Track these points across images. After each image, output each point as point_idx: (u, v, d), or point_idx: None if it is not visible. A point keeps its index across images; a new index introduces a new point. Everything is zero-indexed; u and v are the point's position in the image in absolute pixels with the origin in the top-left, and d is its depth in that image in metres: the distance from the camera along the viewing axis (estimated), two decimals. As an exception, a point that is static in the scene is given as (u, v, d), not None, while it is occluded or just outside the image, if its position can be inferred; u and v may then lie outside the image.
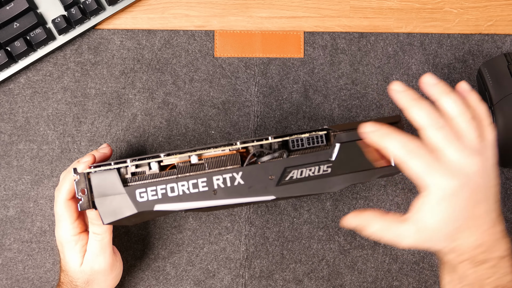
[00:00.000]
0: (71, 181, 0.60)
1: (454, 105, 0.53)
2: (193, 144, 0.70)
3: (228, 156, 0.57)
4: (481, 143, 0.53)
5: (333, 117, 0.70)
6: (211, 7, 0.71)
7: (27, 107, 0.69)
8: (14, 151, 0.69)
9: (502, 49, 0.71)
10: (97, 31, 0.70)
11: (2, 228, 0.68)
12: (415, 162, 0.51)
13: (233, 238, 0.69)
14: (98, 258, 0.61)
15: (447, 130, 0.52)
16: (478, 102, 0.55)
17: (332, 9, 0.71)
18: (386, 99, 0.70)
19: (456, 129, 0.52)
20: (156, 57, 0.70)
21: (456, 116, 0.53)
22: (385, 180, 0.70)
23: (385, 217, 0.55)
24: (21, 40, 0.66)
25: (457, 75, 0.71)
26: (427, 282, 0.70)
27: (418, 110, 0.53)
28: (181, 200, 0.56)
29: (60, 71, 0.69)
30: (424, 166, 0.51)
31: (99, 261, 0.61)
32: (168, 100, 0.70)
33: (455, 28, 0.71)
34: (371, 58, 0.71)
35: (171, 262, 0.69)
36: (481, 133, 0.53)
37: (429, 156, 0.51)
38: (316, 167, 0.58)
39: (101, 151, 0.62)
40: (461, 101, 0.53)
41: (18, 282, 0.68)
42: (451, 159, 0.51)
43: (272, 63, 0.70)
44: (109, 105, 0.69)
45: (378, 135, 0.54)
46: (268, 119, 0.70)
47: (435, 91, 0.54)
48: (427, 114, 0.52)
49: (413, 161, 0.51)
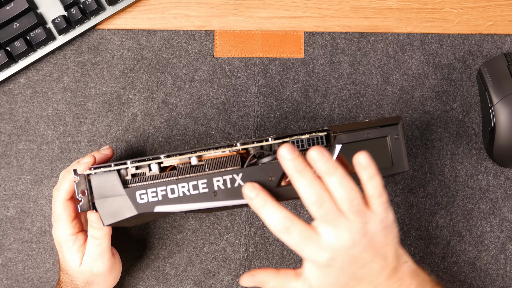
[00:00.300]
0: (70, 181, 0.60)
1: (338, 187, 0.53)
2: (193, 144, 0.70)
3: (228, 157, 0.57)
4: (363, 218, 0.53)
5: (333, 117, 0.70)
6: (211, 7, 0.70)
7: (27, 107, 0.69)
8: (14, 151, 0.69)
9: (502, 49, 0.71)
10: (97, 31, 0.70)
11: (2, 228, 0.69)
12: (289, 238, 0.53)
13: (233, 238, 0.69)
14: (97, 262, 0.61)
15: (326, 209, 0.53)
16: (372, 177, 0.54)
17: (332, 9, 0.71)
18: (386, 99, 0.70)
19: (336, 207, 0.53)
20: (156, 57, 0.70)
21: (338, 198, 0.53)
22: (385, 180, 0.70)
23: (279, 274, 0.58)
24: (21, 40, 0.66)
25: (457, 75, 0.71)
26: (427, 282, 0.70)
27: (301, 184, 0.53)
28: (181, 201, 0.56)
29: (60, 71, 0.69)
30: (298, 241, 0.53)
31: (97, 264, 0.61)
32: (168, 100, 0.70)
33: (455, 28, 0.71)
34: (371, 58, 0.71)
35: (171, 262, 0.69)
36: (363, 211, 0.53)
37: (303, 231, 0.53)
38: (316, 168, 0.58)
39: (102, 152, 0.62)
40: (346, 181, 0.53)
41: (18, 282, 0.69)
42: (323, 235, 0.53)
43: (272, 63, 0.70)
44: (109, 105, 0.69)
45: (257, 203, 0.54)
46: (268, 119, 0.70)
47: (319, 168, 0.53)
48: (309, 189, 0.53)
49: (288, 237, 0.53)
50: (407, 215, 0.70)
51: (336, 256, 0.53)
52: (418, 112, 0.71)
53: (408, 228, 0.70)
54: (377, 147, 0.59)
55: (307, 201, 0.53)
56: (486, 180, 0.70)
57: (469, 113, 0.71)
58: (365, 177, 0.54)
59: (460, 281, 0.70)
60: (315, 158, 0.53)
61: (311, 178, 0.53)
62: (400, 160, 0.59)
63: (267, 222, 0.54)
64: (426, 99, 0.71)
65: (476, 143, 0.71)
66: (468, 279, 0.70)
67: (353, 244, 0.53)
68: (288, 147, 0.53)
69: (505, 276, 0.70)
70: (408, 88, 0.71)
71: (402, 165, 0.59)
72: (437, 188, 0.70)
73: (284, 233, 0.53)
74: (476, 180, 0.70)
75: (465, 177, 0.70)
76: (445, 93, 0.71)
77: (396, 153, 0.59)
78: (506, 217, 0.70)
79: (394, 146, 0.59)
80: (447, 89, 0.71)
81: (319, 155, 0.52)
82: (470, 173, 0.70)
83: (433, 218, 0.70)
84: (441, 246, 0.70)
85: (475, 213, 0.70)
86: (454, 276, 0.70)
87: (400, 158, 0.59)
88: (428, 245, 0.70)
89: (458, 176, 0.70)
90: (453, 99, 0.71)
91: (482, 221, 0.70)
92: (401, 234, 0.70)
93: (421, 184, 0.70)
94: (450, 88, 0.71)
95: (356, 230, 0.53)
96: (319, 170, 0.53)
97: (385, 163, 0.59)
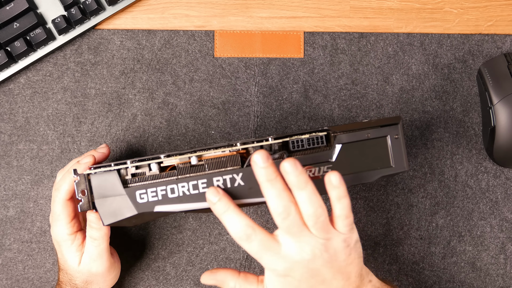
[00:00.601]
0: (70, 181, 0.60)
1: (306, 202, 0.53)
2: (193, 144, 0.70)
3: (228, 157, 0.57)
4: (327, 234, 0.53)
5: (333, 117, 0.70)
6: (211, 7, 0.70)
7: (27, 107, 0.69)
8: (14, 151, 0.69)
9: (502, 49, 0.71)
10: (97, 31, 0.70)
11: (2, 228, 0.69)
12: (250, 245, 0.53)
13: (233, 238, 0.69)
14: (95, 263, 0.61)
15: (291, 221, 0.53)
16: (341, 197, 0.54)
17: (332, 9, 0.71)
18: (386, 99, 0.70)
19: (301, 220, 0.53)
20: (156, 57, 0.70)
21: (304, 213, 0.53)
22: (385, 180, 0.70)
23: (240, 277, 0.59)
24: (21, 40, 0.66)
25: (457, 75, 0.71)
26: (427, 282, 0.70)
27: (270, 193, 0.53)
28: (181, 201, 0.56)
29: (60, 71, 0.69)
30: (258, 249, 0.53)
31: (96, 265, 0.61)
32: (168, 100, 0.70)
33: (455, 28, 0.71)
34: (371, 58, 0.71)
35: (171, 262, 0.69)
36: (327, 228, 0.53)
37: (264, 240, 0.53)
38: (316, 168, 0.58)
39: (99, 151, 0.62)
40: (315, 197, 0.53)
41: (18, 282, 0.69)
42: (284, 246, 0.53)
43: (272, 63, 0.70)
44: (109, 105, 0.69)
45: (219, 209, 0.54)
46: (268, 119, 0.70)
47: (291, 181, 0.53)
48: (277, 200, 0.52)
49: (248, 245, 0.53)
50: (407, 215, 0.70)
51: (295, 267, 0.53)
52: (418, 112, 0.71)
53: (408, 228, 0.70)
54: (377, 147, 0.59)
55: (273, 211, 0.53)
56: (486, 180, 0.70)
57: (469, 113, 0.71)
58: (334, 196, 0.54)
59: (460, 281, 0.70)
60: (288, 170, 0.52)
61: (281, 189, 0.53)
62: (400, 160, 0.59)
63: (229, 228, 0.54)
64: (426, 99, 0.71)
65: (476, 143, 0.71)
66: (468, 279, 0.70)
67: (313, 257, 0.53)
68: (263, 154, 0.52)
69: (505, 276, 0.70)
70: (408, 88, 0.71)
71: (402, 165, 0.59)
72: (437, 188, 0.70)
73: (244, 241, 0.53)
74: (476, 180, 0.70)
75: (465, 177, 0.70)
76: (445, 93, 0.71)
77: (396, 153, 0.59)
78: (506, 217, 0.70)
79: (394, 146, 0.59)
80: (447, 89, 0.71)
81: (292, 167, 0.52)
82: (470, 173, 0.70)
83: (433, 218, 0.70)
84: (441, 246, 0.70)
85: (475, 213, 0.70)
86: (454, 276, 0.70)
87: (400, 158, 0.59)
88: (428, 245, 0.70)
89: (458, 176, 0.70)
90: (453, 99, 0.71)
91: (482, 221, 0.70)
92: (401, 234, 0.70)
93: (421, 184, 0.70)
94: (450, 88, 0.71)
95: (317, 244, 0.53)
96: (290, 183, 0.53)
97: (385, 163, 0.59)
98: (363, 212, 0.70)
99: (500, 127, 0.67)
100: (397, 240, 0.70)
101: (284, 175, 0.53)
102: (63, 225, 0.60)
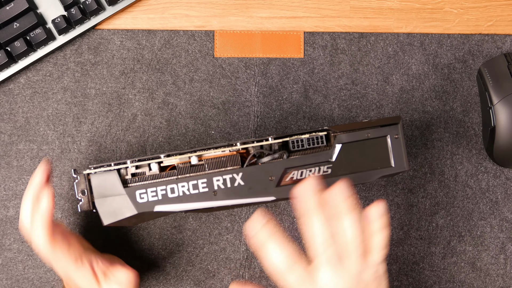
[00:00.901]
0: (47, 200, 0.56)
1: (350, 229, 0.52)
2: (193, 144, 0.70)
3: (228, 157, 0.57)
4: (361, 265, 0.53)
5: (333, 117, 0.70)
6: (211, 7, 0.71)
7: (27, 107, 0.69)
8: (14, 151, 0.69)
9: (502, 49, 0.71)
10: (97, 31, 0.70)
11: (2, 228, 0.69)
12: (290, 277, 0.53)
13: (233, 238, 0.69)
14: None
15: (332, 252, 0.52)
16: (383, 228, 0.54)
17: (332, 9, 0.71)
18: (386, 99, 0.70)
19: (340, 250, 0.53)
20: (156, 57, 0.70)
21: (346, 239, 0.53)
22: (385, 180, 0.70)
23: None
24: (21, 40, 0.66)
25: (457, 75, 0.71)
26: (427, 282, 0.70)
27: (315, 223, 0.52)
28: (181, 201, 0.56)
29: (60, 71, 0.69)
30: (295, 282, 0.53)
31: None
32: (168, 100, 0.70)
33: (455, 28, 0.71)
34: (371, 58, 0.71)
35: (171, 262, 0.69)
36: (363, 258, 0.53)
37: (303, 271, 0.53)
38: (316, 168, 0.58)
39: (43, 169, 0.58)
40: (359, 225, 0.53)
41: (18, 282, 0.69)
42: (321, 277, 0.52)
43: (272, 63, 0.70)
44: (109, 105, 0.69)
45: (262, 238, 0.53)
46: (268, 119, 0.70)
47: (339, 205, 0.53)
48: (322, 229, 0.52)
49: (288, 276, 0.53)
50: (407, 215, 0.70)
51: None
52: (418, 112, 0.71)
53: (408, 228, 0.70)
54: (377, 147, 0.59)
55: (316, 241, 0.52)
56: (486, 180, 0.70)
57: (469, 113, 0.71)
58: (377, 226, 0.54)
59: (460, 281, 0.70)
60: (341, 192, 0.52)
61: (326, 218, 0.52)
62: (400, 160, 0.59)
63: (269, 258, 0.53)
64: (426, 99, 0.71)
65: (476, 143, 0.71)
66: (468, 279, 0.70)
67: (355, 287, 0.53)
68: (315, 181, 0.52)
69: (505, 276, 0.70)
70: (408, 88, 0.71)
71: (402, 165, 0.59)
72: (437, 188, 0.70)
73: (286, 272, 0.53)
74: (476, 180, 0.70)
75: (465, 177, 0.70)
76: (445, 93, 0.71)
77: (396, 153, 0.59)
78: (506, 217, 0.70)
79: (394, 146, 0.59)
80: (447, 89, 0.71)
81: (346, 190, 0.52)
82: (470, 173, 0.70)
83: (433, 218, 0.70)
84: (441, 246, 0.70)
85: (475, 213, 0.70)
86: (454, 276, 0.70)
87: (400, 158, 0.59)
88: (428, 245, 0.70)
89: (458, 176, 0.70)
90: (453, 99, 0.71)
91: (482, 221, 0.70)
92: (401, 234, 0.70)
93: (421, 184, 0.70)
94: (450, 88, 0.71)
95: (351, 277, 0.52)
96: (339, 207, 0.52)
97: (385, 163, 0.59)
98: (363, 212, 0.70)
99: (500, 127, 0.67)
100: (397, 240, 0.70)
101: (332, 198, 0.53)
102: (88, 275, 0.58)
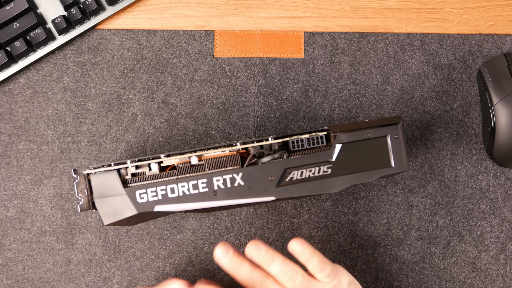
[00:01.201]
0: None
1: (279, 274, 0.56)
2: (193, 144, 0.70)
3: (228, 157, 0.57)
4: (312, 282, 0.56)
5: (333, 117, 0.70)
6: (211, 7, 0.71)
7: (27, 107, 0.69)
8: (14, 151, 0.69)
9: (502, 49, 0.71)
10: (97, 31, 0.70)
11: (2, 228, 0.69)
12: None
13: (233, 239, 0.69)
14: None
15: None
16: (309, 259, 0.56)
17: (332, 9, 0.71)
18: (386, 99, 0.70)
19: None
20: (156, 57, 0.70)
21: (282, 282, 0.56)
22: (385, 180, 0.70)
23: None
24: (21, 40, 0.66)
25: (457, 75, 0.71)
26: (427, 282, 0.70)
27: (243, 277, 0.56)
28: (181, 201, 0.56)
29: (60, 71, 0.69)
30: None
31: None
32: (168, 100, 0.70)
33: (455, 28, 0.71)
34: (371, 58, 0.71)
35: (171, 262, 0.69)
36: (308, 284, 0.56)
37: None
38: (316, 168, 0.58)
39: None
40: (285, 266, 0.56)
41: (18, 282, 0.69)
42: None
43: (272, 63, 0.70)
44: (109, 105, 0.69)
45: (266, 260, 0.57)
46: (268, 119, 0.70)
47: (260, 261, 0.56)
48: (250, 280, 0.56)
49: None
50: (407, 215, 0.70)
51: None
52: (418, 112, 0.71)
53: (408, 228, 0.70)
54: (377, 147, 0.59)
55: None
56: (486, 180, 0.70)
57: (469, 113, 0.71)
58: (303, 260, 0.56)
59: (460, 281, 0.70)
60: (253, 254, 0.56)
61: (251, 269, 0.56)
62: (400, 160, 0.59)
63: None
64: (426, 99, 0.71)
65: (476, 143, 0.71)
66: (468, 279, 0.70)
67: None
68: (222, 247, 0.55)
69: (505, 276, 0.70)
70: (408, 88, 0.71)
71: (402, 165, 0.59)
72: (437, 188, 0.70)
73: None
74: (476, 180, 0.70)
75: (465, 177, 0.70)
76: (445, 93, 0.71)
77: (396, 153, 0.59)
78: (506, 217, 0.70)
79: (394, 145, 0.59)
80: (447, 89, 0.71)
81: (257, 249, 0.56)
82: (470, 173, 0.70)
83: (433, 218, 0.70)
84: (441, 246, 0.70)
85: (475, 213, 0.70)
86: (454, 276, 0.70)
87: (400, 158, 0.59)
88: (428, 245, 0.70)
89: (458, 176, 0.70)
90: (453, 99, 0.71)
91: (482, 221, 0.70)
92: (401, 234, 0.70)
93: (421, 184, 0.70)
94: (450, 88, 0.71)
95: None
96: (260, 263, 0.56)
97: (385, 163, 0.59)
98: (363, 212, 0.70)
99: (500, 127, 0.67)
100: (397, 240, 0.70)
101: (251, 259, 0.56)
102: None
